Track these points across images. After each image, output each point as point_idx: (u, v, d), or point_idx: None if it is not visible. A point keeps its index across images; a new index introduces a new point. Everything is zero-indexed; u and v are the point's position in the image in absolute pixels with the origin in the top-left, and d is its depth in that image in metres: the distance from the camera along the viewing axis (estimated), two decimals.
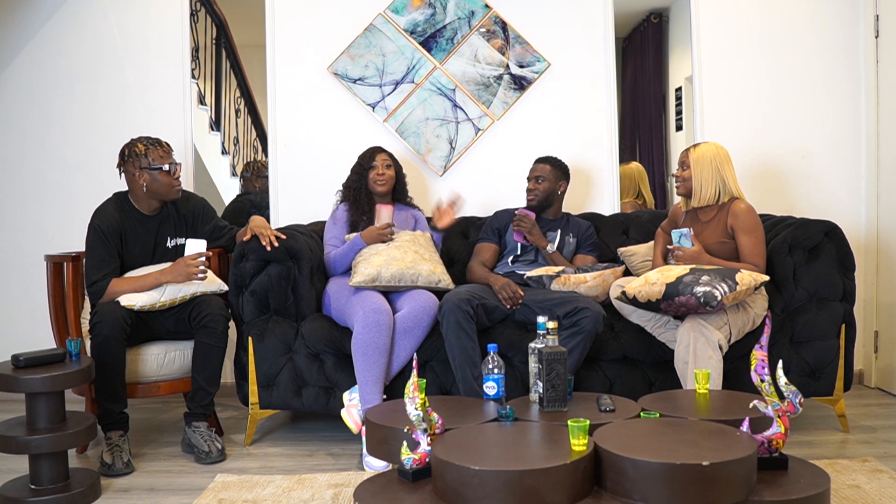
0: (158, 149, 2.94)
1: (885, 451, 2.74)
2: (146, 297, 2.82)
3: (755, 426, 1.89)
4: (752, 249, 2.86)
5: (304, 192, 3.74)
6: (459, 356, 2.78)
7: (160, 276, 2.85)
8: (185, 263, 2.84)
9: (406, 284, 2.96)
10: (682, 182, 2.99)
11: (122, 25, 3.75)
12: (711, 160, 2.93)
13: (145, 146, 2.93)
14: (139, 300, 2.82)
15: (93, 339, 2.74)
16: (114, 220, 2.92)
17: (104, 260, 2.87)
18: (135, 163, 2.92)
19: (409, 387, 1.87)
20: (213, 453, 2.78)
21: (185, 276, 2.84)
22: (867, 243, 3.74)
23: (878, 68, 3.67)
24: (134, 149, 2.93)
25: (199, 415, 2.87)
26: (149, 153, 2.91)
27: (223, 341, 2.88)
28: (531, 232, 3.13)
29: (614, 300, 2.91)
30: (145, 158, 2.90)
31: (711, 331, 2.68)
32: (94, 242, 2.88)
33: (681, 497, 1.65)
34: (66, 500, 2.36)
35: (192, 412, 2.87)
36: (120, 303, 2.79)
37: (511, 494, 1.66)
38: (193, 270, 2.83)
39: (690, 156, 2.97)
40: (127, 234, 2.95)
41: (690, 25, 3.76)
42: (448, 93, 3.73)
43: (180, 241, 3.04)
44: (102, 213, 2.93)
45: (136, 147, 2.93)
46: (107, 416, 2.77)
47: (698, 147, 2.98)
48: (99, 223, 2.89)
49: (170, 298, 2.85)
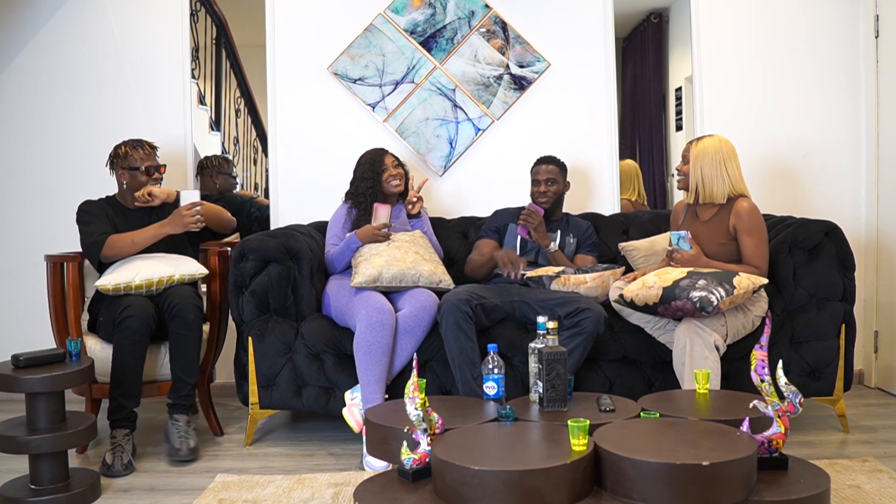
0: (138, 150, 3.08)
1: (885, 451, 2.74)
2: (118, 277, 2.84)
3: (755, 426, 1.89)
4: (755, 251, 2.84)
5: (304, 192, 3.74)
6: (458, 357, 2.78)
7: (159, 228, 2.96)
8: (180, 214, 2.93)
9: (407, 285, 2.96)
10: (683, 176, 2.97)
11: (122, 25, 3.76)
12: (714, 155, 2.87)
13: (126, 148, 3.09)
14: (112, 280, 2.83)
15: (119, 331, 2.73)
16: (101, 206, 3.07)
17: (99, 226, 2.97)
18: (119, 163, 3.08)
19: (409, 387, 1.87)
20: (183, 451, 2.76)
21: (183, 226, 2.95)
22: (867, 243, 3.74)
23: (878, 68, 3.67)
24: (118, 150, 3.10)
25: (180, 406, 2.85)
26: (128, 154, 3.06)
27: (196, 330, 2.86)
28: (537, 229, 3.12)
29: (613, 302, 2.91)
30: (125, 159, 3.06)
31: (708, 332, 2.67)
32: (85, 216, 3.01)
33: (681, 497, 1.65)
34: (66, 500, 2.36)
35: (172, 404, 2.85)
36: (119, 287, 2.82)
37: (511, 494, 1.66)
38: (189, 220, 2.94)
39: (692, 150, 2.92)
40: (113, 217, 3.05)
41: (690, 25, 3.76)
42: (448, 93, 3.73)
43: None
44: (87, 201, 3.09)
45: (120, 148, 3.10)
46: (118, 411, 2.76)
47: (701, 141, 2.92)
48: (84, 205, 3.05)
49: (145, 280, 2.84)
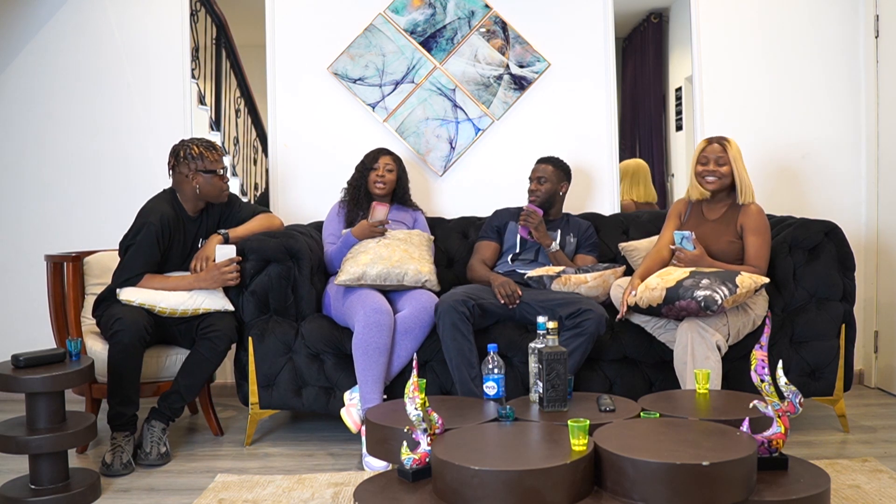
0: (213, 152, 2.93)
1: (885, 451, 2.74)
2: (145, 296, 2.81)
3: (755, 426, 1.89)
4: (758, 251, 2.85)
5: (304, 192, 3.74)
6: (456, 357, 2.78)
7: (194, 283, 2.86)
8: (219, 271, 2.86)
9: (392, 284, 2.95)
10: (720, 178, 2.91)
11: (122, 25, 3.75)
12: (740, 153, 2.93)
13: (200, 149, 2.90)
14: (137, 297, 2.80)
15: (113, 345, 2.73)
16: (170, 219, 2.89)
17: (147, 261, 2.85)
18: (189, 164, 2.90)
19: (409, 387, 1.87)
20: (153, 455, 2.73)
21: (220, 283, 2.88)
22: (867, 243, 3.74)
23: (878, 68, 3.67)
24: (190, 151, 2.90)
25: (163, 416, 2.83)
26: (204, 156, 2.90)
27: (219, 359, 2.87)
28: (537, 228, 3.12)
29: (615, 301, 2.91)
30: (200, 161, 2.89)
31: (710, 332, 2.68)
32: (145, 242, 2.83)
33: (681, 497, 1.65)
34: (66, 500, 2.36)
35: (158, 410, 2.83)
36: (144, 305, 2.79)
37: (511, 494, 1.66)
38: (228, 277, 2.87)
39: (729, 151, 2.91)
40: (175, 233, 2.93)
41: (690, 25, 3.76)
42: (448, 93, 3.73)
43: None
44: (157, 211, 2.88)
45: (191, 149, 2.90)
46: (117, 418, 2.76)
47: (730, 142, 2.93)
48: (154, 221, 2.84)
49: (169, 307, 2.83)
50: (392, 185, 3.30)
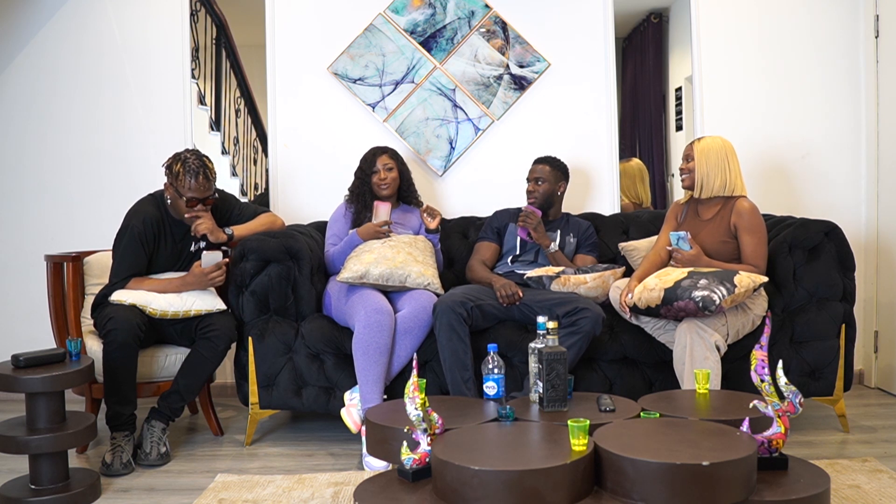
0: (193, 180, 2.86)
1: (885, 451, 2.74)
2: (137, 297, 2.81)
3: (755, 426, 1.89)
4: (755, 250, 2.85)
5: (304, 192, 3.74)
6: (449, 358, 2.78)
7: (181, 286, 2.88)
8: (205, 278, 2.87)
9: (394, 284, 2.95)
10: (688, 174, 2.98)
11: (122, 25, 3.76)
12: (717, 151, 2.92)
13: (182, 170, 2.87)
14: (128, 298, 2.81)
15: (107, 344, 2.73)
16: (154, 220, 2.91)
17: (133, 263, 2.88)
18: (169, 177, 2.92)
19: (409, 387, 1.87)
20: (152, 455, 2.75)
21: (205, 286, 2.90)
22: (867, 243, 3.74)
23: (878, 68, 3.67)
24: (174, 167, 2.90)
25: (163, 416, 2.84)
26: (179, 178, 2.88)
27: (218, 359, 2.88)
28: (536, 229, 3.12)
29: (613, 303, 2.91)
30: (175, 180, 2.89)
31: (709, 332, 2.68)
32: (129, 245, 2.88)
33: (681, 497, 1.65)
34: (66, 500, 2.36)
35: (158, 410, 2.84)
36: (136, 305, 2.79)
37: (511, 494, 1.66)
38: (214, 281, 2.89)
39: (695, 147, 2.96)
40: (160, 235, 2.95)
41: (690, 25, 3.76)
42: (448, 93, 3.73)
43: (203, 244, 3.04)
44: (140, 213, 2.92)
45: (176, 166, 2.89)
46: (116, 417, 2.76)
47: (703, 139, 2.98)
48: (136, 224, 2.88)
49: (159, 309, 2.84)
50: (396, 183, 3.29)
